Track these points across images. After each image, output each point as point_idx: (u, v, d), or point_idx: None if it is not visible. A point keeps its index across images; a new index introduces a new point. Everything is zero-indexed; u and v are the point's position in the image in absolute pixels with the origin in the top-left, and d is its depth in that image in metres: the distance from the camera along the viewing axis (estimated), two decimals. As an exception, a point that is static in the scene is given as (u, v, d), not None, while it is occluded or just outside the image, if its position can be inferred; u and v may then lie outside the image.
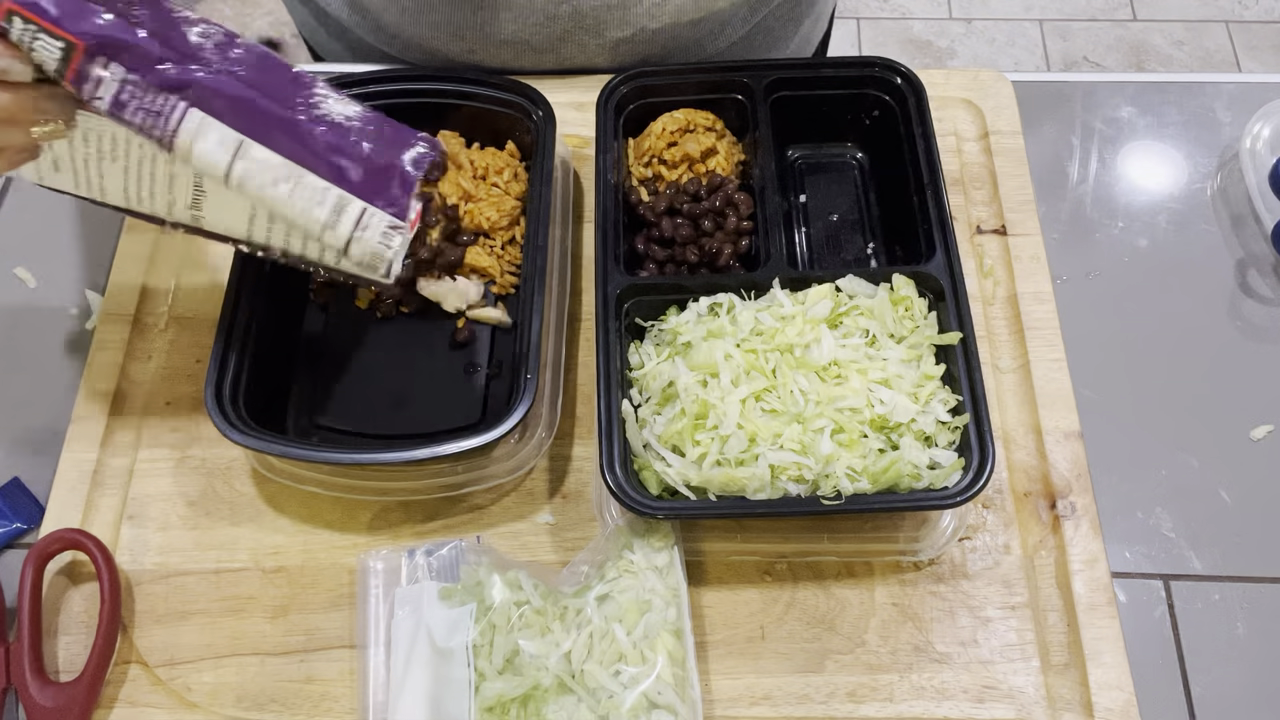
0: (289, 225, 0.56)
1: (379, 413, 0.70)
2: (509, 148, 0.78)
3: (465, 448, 0.61)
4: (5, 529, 0.67)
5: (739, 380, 0.61)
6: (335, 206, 0.54)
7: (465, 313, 0.72)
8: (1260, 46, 2.16)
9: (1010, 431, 0.69)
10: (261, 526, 0.67)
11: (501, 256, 0.74)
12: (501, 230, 0.75)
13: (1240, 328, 0.74)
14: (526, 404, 0.62)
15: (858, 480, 0.58)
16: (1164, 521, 0.67)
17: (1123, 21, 2.21)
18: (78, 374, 0.72)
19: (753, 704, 0.61)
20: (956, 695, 0.61)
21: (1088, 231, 0.78)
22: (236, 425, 0.63)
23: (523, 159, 0.78)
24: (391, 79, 0.76)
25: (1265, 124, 0.79)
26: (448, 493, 0.66)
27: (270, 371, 0.69)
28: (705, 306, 0.66)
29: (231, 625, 0.64)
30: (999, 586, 0.64)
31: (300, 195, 0.54)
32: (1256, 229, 0.77)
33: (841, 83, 0.76)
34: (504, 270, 0.74)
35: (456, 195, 0.74)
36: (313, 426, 0.70)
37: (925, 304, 0.66)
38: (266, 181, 0.53)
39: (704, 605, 0.64)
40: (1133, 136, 0.83)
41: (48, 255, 0.79)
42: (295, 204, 0.54)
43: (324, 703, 0.61)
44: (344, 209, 0.55)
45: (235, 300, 0.67)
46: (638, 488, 0.60)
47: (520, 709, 0.56)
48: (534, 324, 0.65)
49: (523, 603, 0.59)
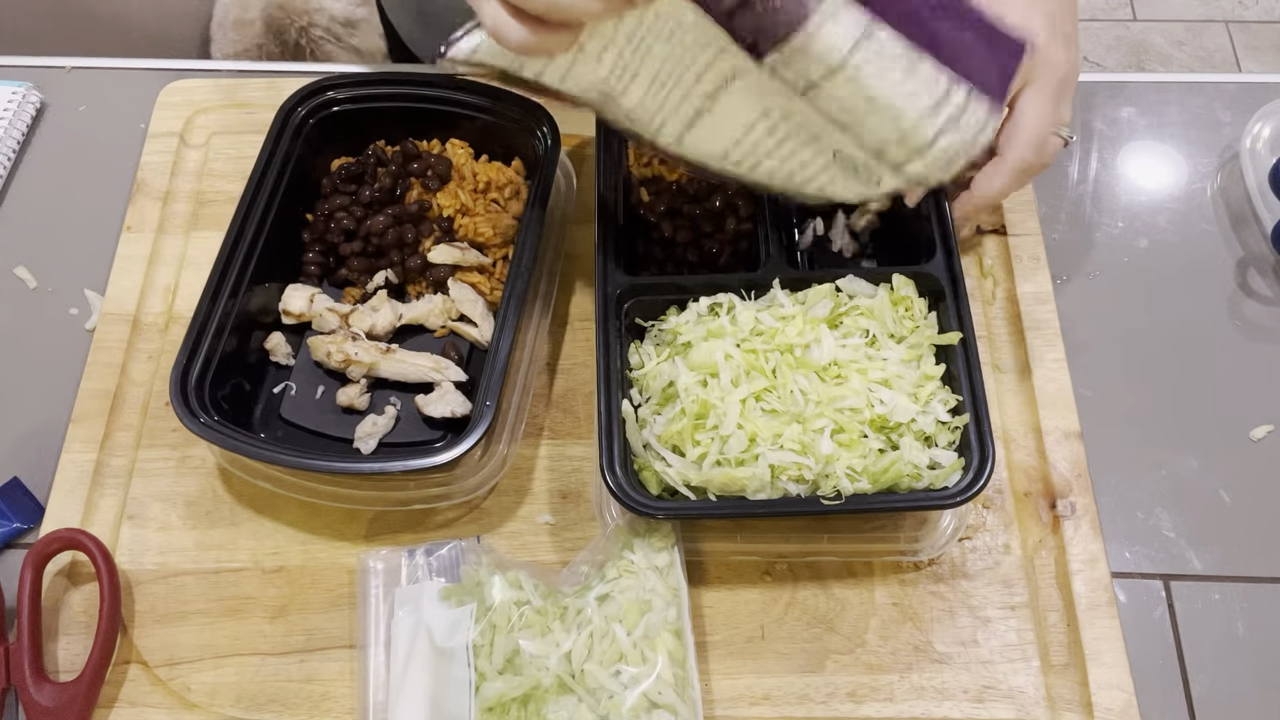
0: (843, 123, 0.53)
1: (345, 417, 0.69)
2: (515, 164, 0.78)
3: (413, 466, 0.61)
4: (5, 529, 0.67)
5: (739, 380, 0.61)
6: (943, 94, 0.52)
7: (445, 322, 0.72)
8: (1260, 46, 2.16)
9: (1010, 431, 0.69)
10: (261, 526, 0.67)
11: (492, 273, 0.74)
12: (495, 248, 0.75)
13: (1240, 328, 0.74)
14: (478, 433, 0.61)
15: (858, 480, 0.58)
16: (1164, 521, 0.67)
17: (1123, 21, 2.21)
18: (78, 374, 0.72)
19: (753, 704, 0.61)
20: (956, 695, 0.61)
21: (1088, 231, 0.78)
22: (198, 415, 0.63)
23: (527, 176, 0.78)
24: (405, 82, 0.76)
25: (1265, 124, 0.79)
26: (401, 506, 0.66)
27: (241, 365, 0.69)
28: (705, 306, 0.66)
29: (231, 625, 0.64)
30: (999, 586, 0.64)
31: (911, 82, 0.51)
32: (1256, 229, 0.77)
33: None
34: (493, 288, 0.74)
35: (453, 208, 0.74)
36: (280, 423, 0.70)
37: (925, 304, 0.66)
38: (884, 64, 0.50)
39: (704, 605, 0.64)
40: (1133, 136, 0.83)
41: (48, 255, 0.79)
42: (901, 92, 0.51)
43: (324, 703, 0.61)
44: (950, 97, 0.52)
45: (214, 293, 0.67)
46: (638, 488, 0.60)
47: (520, 709, 0.56)
48: (501, 349, 0.64)
49: (523, 603, 0.59)
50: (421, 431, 0.69)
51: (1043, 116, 0.64)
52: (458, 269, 0.73)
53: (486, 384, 0.63)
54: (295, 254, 0.75)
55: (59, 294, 0.77)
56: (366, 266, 0.74)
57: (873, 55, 0.50)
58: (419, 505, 0.66)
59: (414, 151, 0.76)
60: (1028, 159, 0.64)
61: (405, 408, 0.69)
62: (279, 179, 0.73)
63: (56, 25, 1.15)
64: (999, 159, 0.65)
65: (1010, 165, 0.65)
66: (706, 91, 0.56)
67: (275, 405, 0.70)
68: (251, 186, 0.71)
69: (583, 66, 0.56)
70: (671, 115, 0.58)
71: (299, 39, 1.26)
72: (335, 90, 0.76)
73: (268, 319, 0.72)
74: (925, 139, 0.53)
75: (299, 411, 0.70)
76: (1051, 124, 0.64)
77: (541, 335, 0.72)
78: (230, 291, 0.68)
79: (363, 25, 1.29)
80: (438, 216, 0.74)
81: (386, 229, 0.74)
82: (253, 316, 0.71)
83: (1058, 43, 0.64)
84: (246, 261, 0.69)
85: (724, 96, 0.55)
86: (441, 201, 0.75)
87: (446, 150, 0.77)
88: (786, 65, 0.51)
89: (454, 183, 0.75)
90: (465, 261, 0.73)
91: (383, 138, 0.78)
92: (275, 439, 0.68)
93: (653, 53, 0.55)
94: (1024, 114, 0.64)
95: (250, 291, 0.70)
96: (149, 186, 0.81)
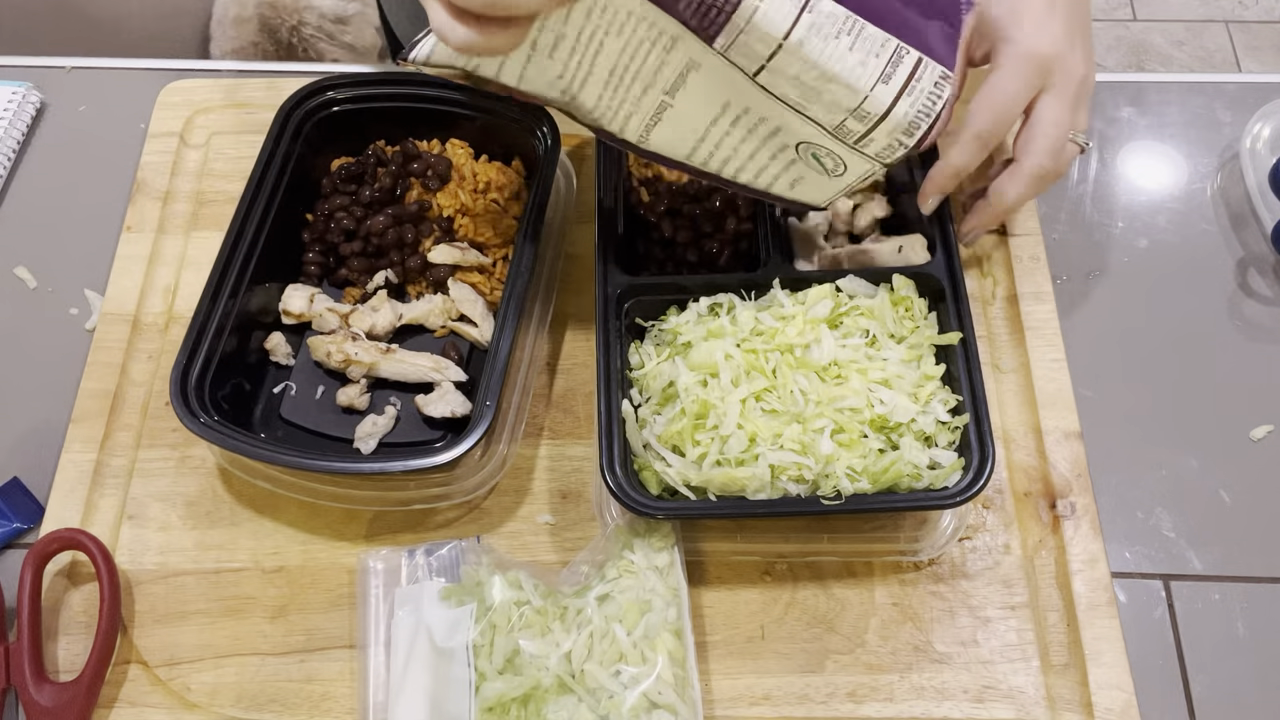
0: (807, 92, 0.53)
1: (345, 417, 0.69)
2: (515, 164, 0.78)
3: (413, 466, 0.61)
4: (5, 529, 0.67)
5: (739, 380, 0.61)
6: (893, 57, 0.52)
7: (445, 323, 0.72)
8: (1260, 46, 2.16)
9: (1010, 431, 0.69)
10: (261, 526, 0.67)
11: (492, 274, 0.74)
12: (495, 248, 0.75)
13: (1240, 328, 0.74)
14: (478, 433, 0.61)
15: (858, 480, 0.58)
16: (1164, 521, 0.67)
17: (1123, 21, 2.21)
18: (78, 374, 0.72)
19: (753, 704, 0.61)
20: (956, 695, 0.61)
21: (1088, 231, 0.78)
22: (198, 415, 0.63)
23: (527, 176, 0.77)
24: (405, 82, 0.76)
25: (1265, 124, 0.79)
26: (401, 506, 0.66)
27: (241, 365, 0.69)
28: (705, 306, 0.66)
29: (231, 625, 0.64)
30: (999, 586, 0.64)
31: (859, 49, 0.52)
32: (1256, 229, 0.77)
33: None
34: (493, 288, 0.74)
35: (453, 208, 0.74)
36: (280, 423, 0.70)
37: (925, 304, 0.66)
38: (829, 35, 0.51)
39: (704, 605, 0.64)
40: (1133, 136, 0.83)
41: (48, 255, 0.79)
42: (850, 60, 0.52)
43: (324, 703, 0.61)
44: (900, 61, 0.52)
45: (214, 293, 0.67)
46: (638, 488, 0.60)
47: (520, 709, 0.56)
48: (501, 350, 0.64)
49: (523, 603, 0.59)
50: (421, 431, 0.69)
51: (1060, 122, 0.64)
52: (458, 269, 0.73)
53: (486, 384, 0.63)
54: (295, 254, 0.75)
55: (59, 294, 0.77)
56: (366, 266, 0.74)
57: (817, 24, 0.51)
58: (419, 505, 0.66)
59: (414, 151, 0.76)
60: (1045, 165, 0.64)
61: (405, 408, 0.69)
62: (279, 179, 0.73)
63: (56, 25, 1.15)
64: (1016, 165, 0.65)
65: (1027, 171, 0.64)
66: (665, 86, 0.56)
67: (275, 405, 0.70)
68: (251, 186, 0.71)
69: (537, 65, 0.57)
70: (634, 111, 0.58)
71: (291, 38, 1.26)
72: (335, 90, 0.76)
73: (268, 319, 0.72)
74: (882, 106, 0.53)
75: (299, 411, 0.70)
76: (1068, 130, 0.64)
77: (541, 335, 0.72)
78: (230, 291, 0.68)
79: (354, 20, 1.29)
80: (438, 216, 0.74)
81: (386, 229, 0.74)
82: (253, 316, 0.71)
83: (1076, 49, 0.64)
84: (246, 261, 0.69)
85: (683, 92, 0.56)
86: (441, 202, 0.75)
87: (446, 150, 0.77)
88: (736, 47, 0.52)
89: (454, 183, 0.75)
90: (465, 261, 0.73)
91: (383, 138, 0.78)
92: (275, 439, 0.68)
93: (605, 48, 0.55)
94: (1041, 120, 0.64)
95: (250, 291, 0.70)
96: (149, 186, 0.81)
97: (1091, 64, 0.65)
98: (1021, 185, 0.65)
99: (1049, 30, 0.63)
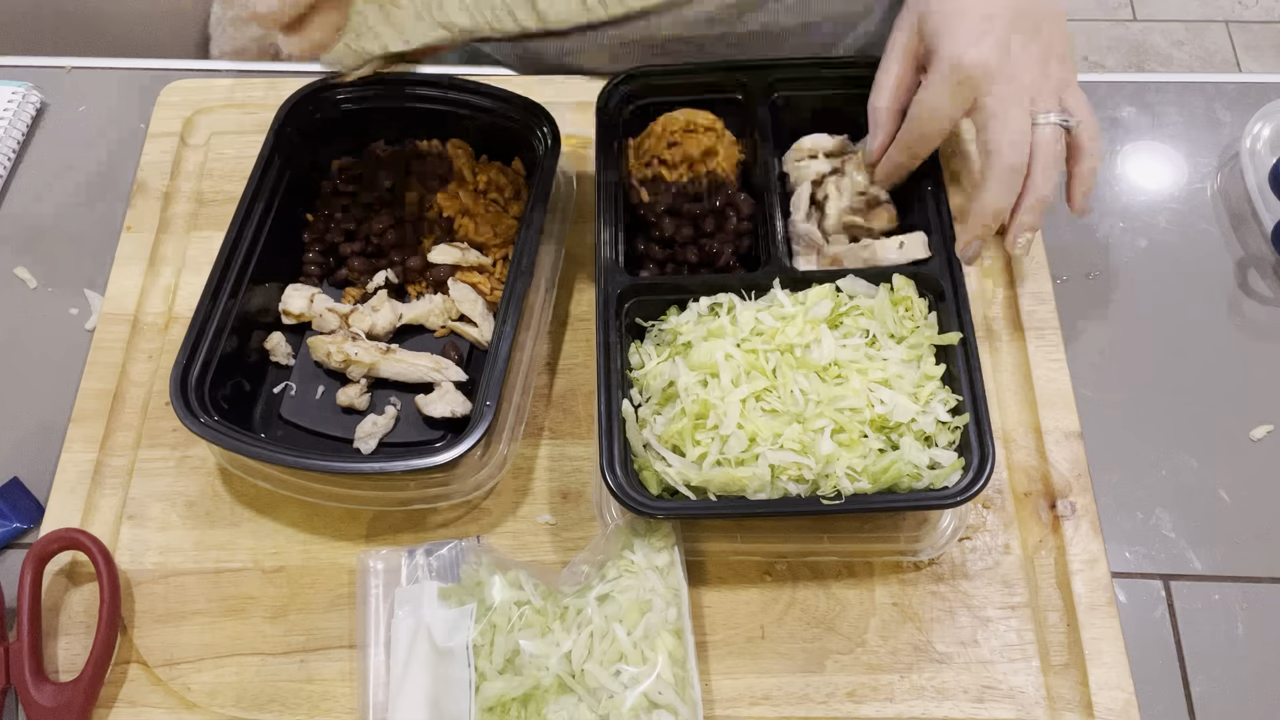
0: None
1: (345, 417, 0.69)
2: (515, 164, 0.78)
3: (413, 466, 0.61)
4: (5, 529, 0.67)
5: (739, 380, 0.61)
6: None
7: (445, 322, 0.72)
8: (1260, 46, 2.16)
9: (1010, 431, 0.69)
10: (261, 526, 0.67)
11: (492, 274, 0.74)
12: (496, 248, 0.75)
13: (1240, 328, 0.74)
14: (478, 433, 0.61)
15: (858, 480, 0.58)
16: (1164, 521, 0.67)
17: (1123, 21, 2.21)
18: (78, 374, 0.72)
19: (753, 704, 0.61)
20: (956, 695, 0.61)
21: (1088, 231, 0.78)
22: (198, 415, 0.63)
23: (527, 177, 0.77)
24: (405, 82, 0.76)
25: (1265, 124, 0.79)
26: (401, 506, 0.66)
27: (241, 365, 0.69)
28: (705, 306, 0.66)
29: (231, 625, 0.64)
30: (999, 586, 0.64)
31: None
32: (1256, 229, 0.77)
33: (842, 82, 0.76)
34: (493, 288, 0.74)
35: (453, 208, 0.74)
36: (280, 423, 0.70)
37: (925, 304, 0.66)
38: None
39: (704, 605, 0.64)
40: (1133, 136, 0.83)
41: (48, 255, 0.79)
42: None
43: (324, 703, 0.61)
44: None
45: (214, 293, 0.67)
46: (638, 488, 0.60)
47: (520, 709, 0.56)
48: (501, 350, 0.64)
49: (523, 602, 0.59)
50: (421, 431, 0.69)
51: (1004, 119, 0.63)
52: (458, 269, 0.73)
53: (486, 384, 0.63)
54: (295, 254, 0.75)
55: (59, 294, 0.77)
56: (366, 267, 0.74)
57: None
58: (419, 505, 0.66)
59: (414, 152, 0.76)
60: (1007, 160, 0.64)
61: (405, 408, 0.69)
62: (279, 179, 0.73)
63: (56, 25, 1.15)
64: (981, 171, 0.65)
65: (994, 171, 0.64)
66: None
67: (275, 405, 0.70)
68: (251, 186, 0.71)
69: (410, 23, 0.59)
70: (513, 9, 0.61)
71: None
72: (335, 90, 0.76)
73: (268, 319, 0.72)
74: None
75: (299, 411, 0.70)
76: (1020, 126, 0.63)
77: (541, 335, 0.72)
78: (230, 291, 0.68)
79: None
80: (438, 217, 0.74)
81: (386, 229, 0.74)
82: (253, 316, 0.71)
83: (1024, 56, 0.64)
84: (246, 261, 0.69)
85: None
86: (442, 202, 0.75)
87: (446, 151, 0.77)
88: None
89: (454, 183, 0.75)
90: (465, 261, 0.73)
91: (383, 138, 0.78)
92: (275, 439, 0.68)
93: None
94: (984, 125, 0.64)
95: (250, 291, 0.70)
96: (149, 186, 0.81)
97: (1051, 68, 0.65)
98: (993, 186, 0.64)
99: (982, 42, 0.63)
